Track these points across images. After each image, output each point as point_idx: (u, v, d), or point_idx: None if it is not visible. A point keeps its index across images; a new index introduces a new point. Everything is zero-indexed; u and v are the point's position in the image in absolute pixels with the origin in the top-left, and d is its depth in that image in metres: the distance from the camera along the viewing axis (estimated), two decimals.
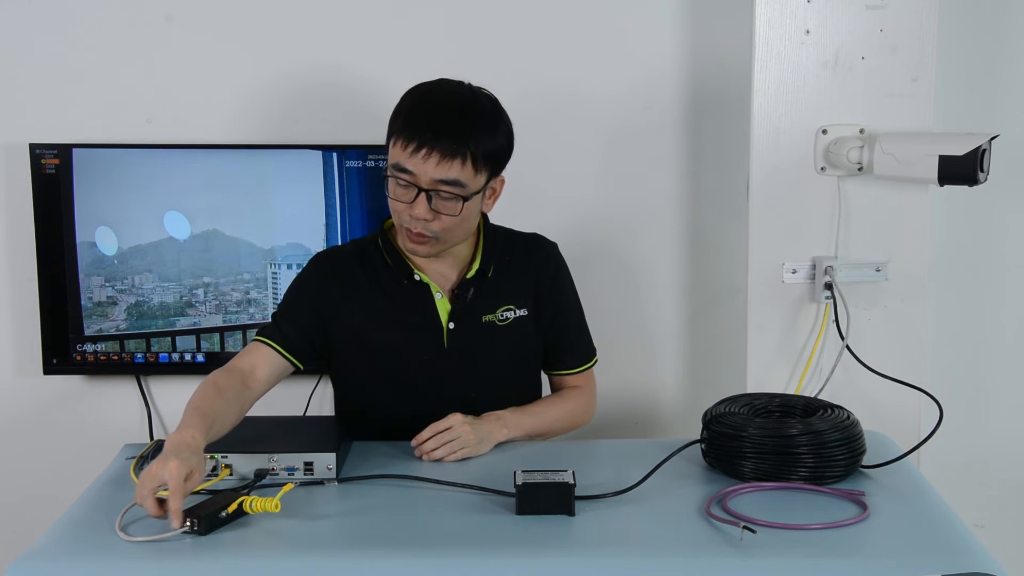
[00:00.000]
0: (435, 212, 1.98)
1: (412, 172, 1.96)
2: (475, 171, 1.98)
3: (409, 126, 1.97)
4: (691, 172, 2.62)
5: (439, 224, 2.00)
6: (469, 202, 2.00)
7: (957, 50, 2.52)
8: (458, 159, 1.95)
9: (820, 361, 2.43)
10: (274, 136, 2.57)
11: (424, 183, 1.96)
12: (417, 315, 2.11)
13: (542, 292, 2.17)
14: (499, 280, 2.14)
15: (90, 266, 2.54)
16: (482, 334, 2.12)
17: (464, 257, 2.14)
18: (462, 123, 1.97)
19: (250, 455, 1.87)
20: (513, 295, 2.15)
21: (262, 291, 2.56)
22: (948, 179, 2.17)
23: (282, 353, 2.07)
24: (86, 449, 2.57)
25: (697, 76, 2.58)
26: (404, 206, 1.99)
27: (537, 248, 2.21)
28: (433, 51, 2.56)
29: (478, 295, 2.12)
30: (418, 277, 2.10)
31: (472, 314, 2.12)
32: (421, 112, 1.99)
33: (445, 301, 2.12)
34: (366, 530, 1.70)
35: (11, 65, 2.58)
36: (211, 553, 1.61)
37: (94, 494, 1.84)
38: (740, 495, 1.78)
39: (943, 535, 1.65)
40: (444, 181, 1.96)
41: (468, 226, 2.06)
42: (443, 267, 2.13)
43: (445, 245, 2.06)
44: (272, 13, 2.56)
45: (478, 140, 1.97)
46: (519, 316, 2.15)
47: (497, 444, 2.02)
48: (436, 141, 1.94)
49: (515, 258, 2.17)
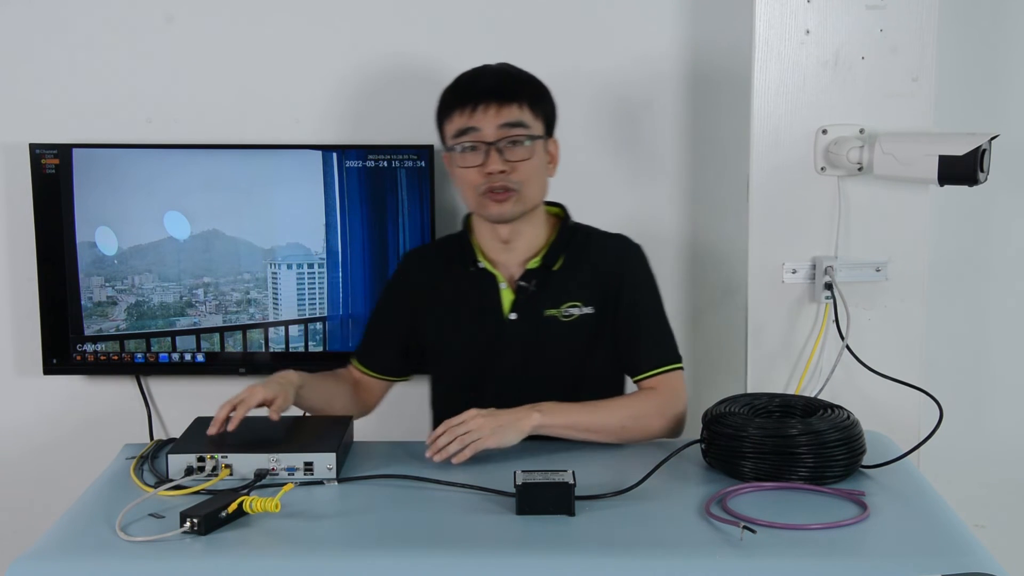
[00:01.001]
0: (508, 162, 2.05)
1: (477, 128, 2.05)
2: (533, 115, 2.09)
3: (460, 95, 2.09)
4: (691, 172, 2.62)
5: (517, 174, 2.07)
6: (536, 145, 2.08)
7: (957, 50, 2.52)
8: (515, 103, 2.07)
9: (820, 361, 2.43)
10: (274, 136, 2.57)
11: (490, 135, 2.05)
12: (480, 303, 2.15)
13: (609, 291, 2.14)
14: (567, 276, 2.14)
15: (90, 266, 2.54)
16: (543, 328, 2.13)
17: (535, 248, 2.16)
18: (508, 78, 2.11)
19: (250, 455, 1.87)
20: (580, 292, 2.14)
21: (262, 291, 2.56)
22: (948, 179, 2.17)
23: (375, 377, 2.28)
24: (86, 449, 2.57)
25: (697, 76, 2.58)
26: (477, 170, 2.06)
27: (613, 247, 2.20)
28: (433, 51, 2.55)
29: (542, 288, 2.13)
30: (482, 265, 2.15)
31: (534, 307, 2.13)
32: (466, 82, 2.11)
33: (509, 291, 2.15)
34: (366, 530, 1.71)
35: (11, 65, 2.58)
36: (211, 553, 1.61)
37: (94, 494, 1.84)
38: (740, 495, 1.78)
39: (943, 535, 1.65)
40: (508, 124, 2.06)
41: (541, 180, 2.13)
42: (512, 257, 2.16)
43: (527, 203, 2.10)
44: (272, 13, 2.56)
45: (527, 89, 2.11)
46: (584, 314, 2.13)
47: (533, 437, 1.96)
48: (490, 94, 2.06)
49: (588, 255, 2.16)
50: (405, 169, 2.51)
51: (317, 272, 2.55)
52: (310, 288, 2.55)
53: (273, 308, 2.56)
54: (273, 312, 2.56)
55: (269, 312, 2.56)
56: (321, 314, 2.56)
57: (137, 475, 1.90)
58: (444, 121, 2.12)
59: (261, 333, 2.57)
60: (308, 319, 2.56)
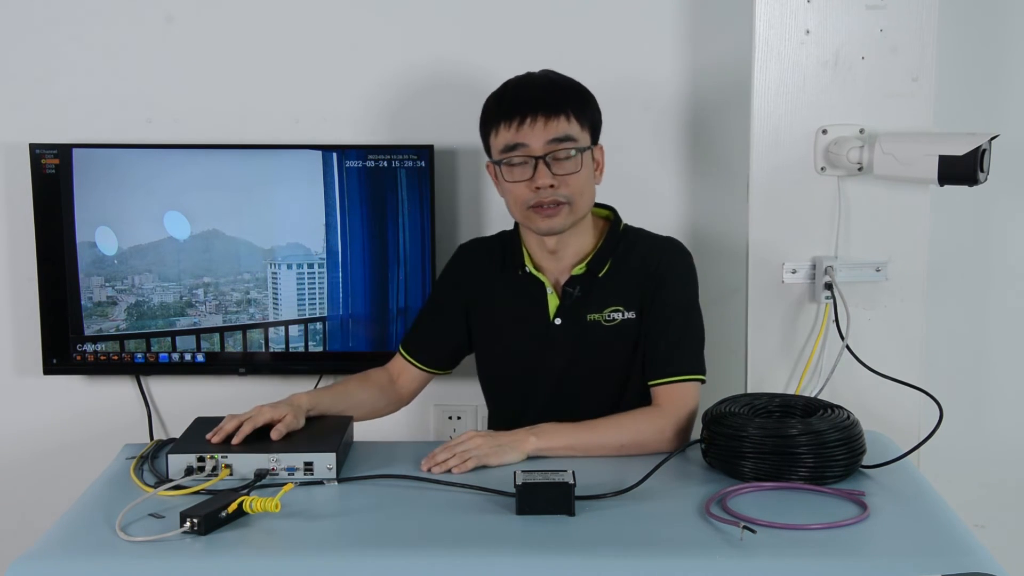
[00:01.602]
0: (557, 176, 2.04)
1: (524, 144, 2.04)
2: (580, 126, 2.07)
3: (506, 108, 2.06)
4: (691, 172, 2.62)
5: (566, 187, 2.06)
6: (584, 156, 2.06)
7: (957, 50, 2.52)
8: (562, 116, 2.05)
9: (820, 361, 2.43)
10: (274, 136, 2.57)
11: (538, 150, 2.04)
12: (527, 307, 2.16)
13: (647, 294, 2.13)
14: (611, 280, 2.14)
15: (90, 266, 2.54)
16: (586, 333, 2.13)
17: (583, 254, 2.16)
18: (553, 89, 2.09)
19: (250, 455, 1.87)
20: (622, 296, 2.13)
21: (262, 291, 2.56)
22: (948, 179, 2.17)
23: (419, 367, 2.27)
24: (86, 449, 2.57)
25: (697, 76, 2.58)
26: (526, 184, 2.05)
27: (658, 250, 2.17)
28: (432, 51, 2.56)
29: (586, 293, 2.13)
30: (529, 269, 2.16)
31: (578, 312, 2.13)
32: (511, 95, 2.09)
33: (555, 296, 2.15)
34: (366, 530, 1.70)
35: (11, 65, 2.58)
36: (211, 553, 1.61)
37: (94, 494, 1.85)
38: (740, 495, 1.78)
39: (943, 535, 1.65)
40: (556, 139, 2.04)
41: (590, 190, 2.11)
42: (559, 263, 2.16)
43: (577, 213, 2.09)
44: (271, 13, 2.56)
45: (573, 99, 2.08)
46: (627, 319, 2.12)
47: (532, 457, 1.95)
48: (537, 107, 2.04)
49: (634, 259, 2.15)
50: (405, 169, 2.51)
51: (317, 272, 2.55)
52: (310, 288, 2.55)
53: (273, 308, 2.56)
54: (273, 312, 2.56)
55: (269, 312, 2.56)
56: (321, 314, 2.56)
57: (137, 475, 1.90)
58: (489, 133, 2.10)
59: (261, 333, 2.57)
60: (308, 319, 2.56)
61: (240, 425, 1.94)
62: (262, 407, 1.99)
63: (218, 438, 1.92)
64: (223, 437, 1.92)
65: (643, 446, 2.00)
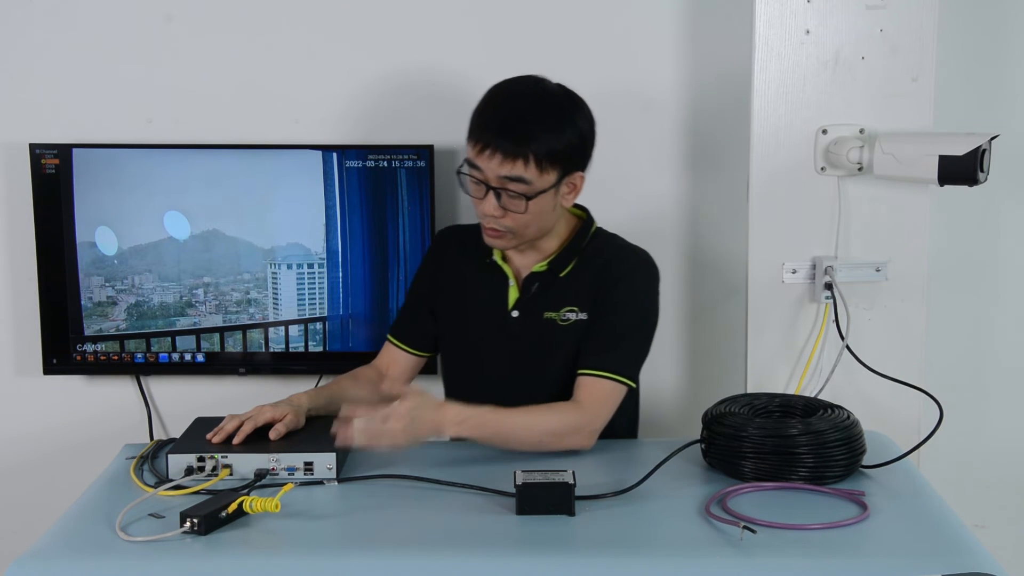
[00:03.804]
0: (504, 209, 2.04)
1: (480, 169, 2.03)
2: (539, 170, 2.02)
3: (477, 126, 2.05)
4: (691, 172, 2.62)
5: (510, 220, 2.06)
6: (535, 201, 2.04)
7: (957, 50, 2.52)
8: (520, 159, 2.00)
9: (820, 361, 2.43)
10: (274, 136, 2.57)
11: (492, 181, 2.03)
12: (489, 296, 2.18)
13: (598, 295, 2.13)
14: (572, 281, 2.15)
15: (90, 266, 2.54)
16: (541, 330, 2.14)
17: (549, 251, 2.17)
18: (524, 125, 2.02)
19: (250, 455, 1.87)
20: (579, 297, 2.14)
21: (262, 291, 2.56)
22: (948, 179, 2.17)
23: (408, 351, 2.28)
24: (86, 449, 2.57)
25: (697, 76, 2.58)
26: (477, 201, 2.08)
27: (623, 258, 2.17)
28: (432, 51, 2.56)
29: (544, 291, 2.15)
30: (495, 259, 2.18)
31: (536, 308, 2.15)
32: (489, 112, 2.06)
33: (516, 289, 2.17)
34: (366, 530, 1.71)
35: (11, 65, 2.57)
36: (211, 553, 1.61)
37: (94, 494, 1.85)
38: (740, 495, 1.78)
39: (943, 535, 1.65)
40: (508, 178, 2.02)
41: (542, 222, 2.09)
42: (525, 258, 2.18)
43: (521, 239, 2.10)
44: (271, 13, 2.56)
45: (540, 141, 2.01)
46: (579, 319, 2.13)
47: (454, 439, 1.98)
48: (499, 141, 2.00)
49: (597, 263, 2.15)
50: (405, 169, 2.51)
51: (317, 272, 2.55)
52: (310, 288, 2.55)
53: (273, 308, 2.56)
54: (273, 312, 2.56)
55: (269, 312, 2.56)
56: (321, 314, 2.56)
57: (137, 475, 1.90)
58: (468, 138, 2.09)
59: (261, 333, 2.57)
60: (308, 319, 2.56)
61: (241, 425, 1.94)
62: (263, 407, 2.00)
63: (219, 438, 1.92)
64: (224, 437, 1.92)
65: (561, 444, 1.99)
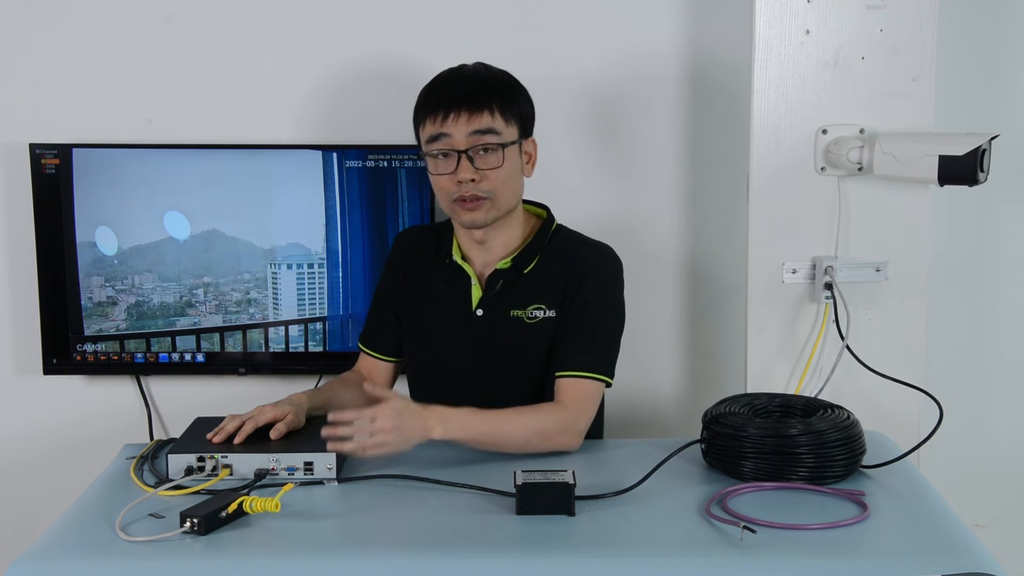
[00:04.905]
0: (479, 170, 2.05)
1: (448, 135, 2.05)
2: (505, 122, 2.07)
3: (432, 100, 2.09)
4: (691, 172, 2.62)
5: (488, 182, 2.07)
6: (509, 150, 2.06)
7: (957, 50, 2.52)
8: (485, 111, 2.06)
9: (820, 361, 2.43)
10: (274, 136, 2.57)
11: (461, 143, 2.05)
12: (452, 297, 2.18)
13: (568, 294, 2.13)
14: (536, 279, 2.15)
15: (90, 266, 2.54)
16: (508, 327, 2.14)
17: (511, 248, 2.17)
18: (479, 83, 2.10)
19: (250, 455, 1.87)
20: (546, 294, 2.14)
21: (262, 291, 2.56)
22: (948, 179, 2.17)
23: (380, 358, 2.29)
24: (86, 449, 2.57)
25: (697, 76, 2.58)
26: (449, 177, 2.07)
27: (588, 253, 2.17)
28: (432, 50, 2.55)
29: (509, 288, 2.15)
30: (455, 259, 2.17)
31: (501, 306, 2.15)
32: (439, 87, 2.11)
33: (478, 288, 2.17)
34: (366, 530, 1.71)
35: (11, 65, 2.57)
36: (211, 553, 1.61)
37: (94, 494, 1.85)
38: (740, 495, 1.78)
39: (943, 535, 1.65)
40: (479, 131, 2.05)
41: (515, 186, 2.12)
42: (487, 255, 2.17)
43: (500, 208, 2.10)
44: (271, 13, 2.56)
45: (499, 95, 2.09)
46: (547, 317, 2.14)
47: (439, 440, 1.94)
48: (461, 101, 2.05)
49: (562, 259, 2.16)
50: (405, 169, 2.51)
51: (317, 272, 2.55)
52: (310, 288, 2.55)
53: (273, 308, 2.56)
54: (273, 312, 2.56)
55: (269, 312, 2.56)
56: (321, 314, 2.56)
57: (137, 475, 1.90)
58: (418, 126, 2.13)
59: (261, 333, 2.57)
60: (308, 319, 2.56)
61: (242, 425, 1.94)
62: (264, 407, 2.00)
63: (220, 438, 1.92)
64: (225, 437, 1.92)
65: (549, 444, 1.99)
